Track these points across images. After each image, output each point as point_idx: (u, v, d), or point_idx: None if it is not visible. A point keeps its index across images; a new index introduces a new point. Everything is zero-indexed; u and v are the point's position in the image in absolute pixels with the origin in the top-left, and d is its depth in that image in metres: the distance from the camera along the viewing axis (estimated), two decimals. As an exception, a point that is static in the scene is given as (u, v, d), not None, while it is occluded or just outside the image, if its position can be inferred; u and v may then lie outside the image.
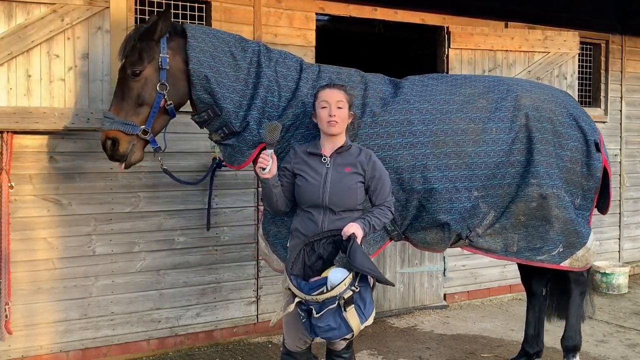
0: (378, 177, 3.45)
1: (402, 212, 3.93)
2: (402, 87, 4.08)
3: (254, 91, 3.76)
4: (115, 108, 3.66)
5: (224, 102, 3.70)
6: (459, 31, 6.38)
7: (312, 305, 3.12)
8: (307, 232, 3.40)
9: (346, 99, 3.45)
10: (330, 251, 3.34)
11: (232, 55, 3.78)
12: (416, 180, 3.87)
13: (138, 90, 3.65)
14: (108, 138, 3.65)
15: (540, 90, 4.31)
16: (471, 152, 3.95)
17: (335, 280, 3.11)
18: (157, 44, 3.66)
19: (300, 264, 3.32)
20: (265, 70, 3.79)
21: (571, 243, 4.18)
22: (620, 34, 7.71)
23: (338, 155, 3.43)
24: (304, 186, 3.40)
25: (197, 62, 3.65)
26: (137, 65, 3.63)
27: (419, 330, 5.89)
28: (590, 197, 4.29)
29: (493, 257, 4.21)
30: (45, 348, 4.72)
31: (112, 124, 3.62)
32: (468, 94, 4.09)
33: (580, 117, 4.28)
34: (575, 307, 4.44)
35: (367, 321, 3.21)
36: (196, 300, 5.28)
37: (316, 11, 5.77)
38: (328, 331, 3.14)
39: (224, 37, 3.83)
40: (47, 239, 4.70)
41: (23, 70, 4.29)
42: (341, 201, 3.36)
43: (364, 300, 3.20)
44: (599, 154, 4.24)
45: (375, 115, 3.88)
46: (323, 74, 3.95)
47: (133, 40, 3.67)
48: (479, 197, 3.99)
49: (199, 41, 3.70)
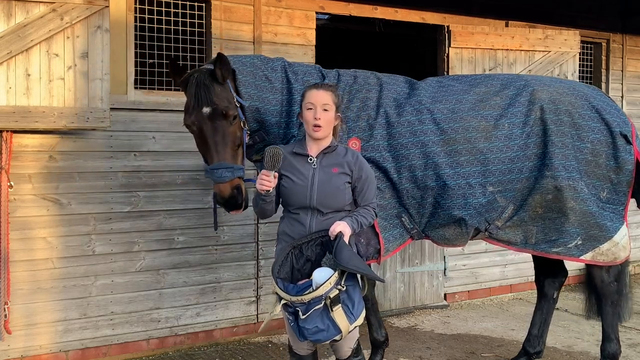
0: (365, 178, 3.41)
1: (419, 210, 4.04)
2: (418, 88, 4.22)
3: (288, 108, 3.87)
4: (221, 156, 3.54)
5: (271, 127, 3.83)
6: (459, 30, 6.36)
7: (298, 306, 3.09)
8: (294, 235, 3.36)
9: (333, 101, 3.37)
10: (318, 253, 3.30)
11: (267, 79, 3.87)
12: (429, 177, 3.98)
13: (236, 133, 3.62)
14: (233, 187, 3.54)
15: (560, 84, 4.35)
16: (483, 148, 4.03)
17: (319, 280, 3.06)
18: (226, 85, 3.65)
19: (289, 267, 3.28)
20: (294, 85, 3.91)
21: (592, 236, 4.16)
22: (621, 32, 7.69)
23: (324, 156, 3.39)
24: (291, 187, 3.35)
25: (249, 97, 3.74)
26: (231, 109, 3.58)
27: (419, 329, 5.88)
28: (622, 191, 4.25)
29: (513, 249, 4.27)
30: (45, 348, 4.71)
31: (233, 172, 3.52)
32: (483, 93, 4.20)
33: (605, 109, 4.26)
34: (609, 317, 4.40)
35: (356, 321, 3.16)
36: (196, 299, 5.27)
37: (316, 10, 5.76)
38: (316, 333, 3.10)
39: (255, 62, 3.90)
40: (47, 239, 4.69)
41: (22, 69, 4.28)
42: (329, 202, 3.32)
43: (352, 299, 3.16)
44: (630, 147, 4.20)
45: (388, 116, 4.01)
46: (342, 77, 4.10)
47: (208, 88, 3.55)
48: (495, 192, 4.06)
49: (244, 75, 3.77)
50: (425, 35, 8.07)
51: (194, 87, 3.56)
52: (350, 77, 4.14)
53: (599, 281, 4.38)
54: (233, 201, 3.56)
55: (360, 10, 6.00)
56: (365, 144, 3.93)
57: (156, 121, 5.06)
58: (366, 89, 4.08)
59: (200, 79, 3.56)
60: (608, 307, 4.40)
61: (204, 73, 3.59)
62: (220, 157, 3.53)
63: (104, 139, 4.85)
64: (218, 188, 3.55)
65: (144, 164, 5.02)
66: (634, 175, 4.25)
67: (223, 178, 3.51)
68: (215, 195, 3.60)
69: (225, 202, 3.56)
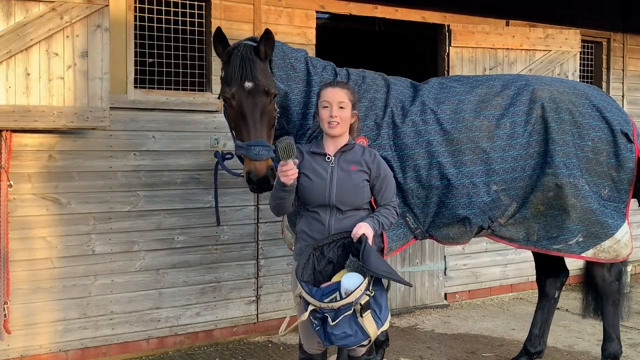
0: (383, 176, 3.42)
1: (423, 209, 4.07)
2: (421, 89, 4.26)
3: (307, 99, 3.87)
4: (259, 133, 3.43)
5: (292, 116, 3.82)
6: (459, 29, 6.35)
7: (327, 312, 3.03)
8: (313, 234, 3.34)
9: (349, 98, 3.37)
10: (339, 255, 3.27)
11: (293, 68, 3.87)
12: (434, 177, 4.01)
13: (272, 113, 3.55)
14: (269, 167, 3.42)
15: (560, 83, 4.38)
16: (486, 147, 4.07)
17: (350, 286, 3.02)
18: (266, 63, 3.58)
19: (310, 269, 3.24)
20: (314, 77, 3.92)
21: (593, 233, 4.18)
22: (622, 31, 7.68)
23: (342, 154, 3.39)
24: (309, 186, 3.33)
25: (280, 80, 3.72)
26: (272, 88, 3.51)
27: (419, 329, 5.87)
28: (623, 189, 4.26)
29: (514, 246, 4.29)
30: (45, 347, 4.70)
31: (269, 152, 3.41)
32: (484, 93, 4.24)
33: (606, 108, 4.28)
34: (610, 317, 4.40)
35: (383, 326, 3.13)
36: (196, 299, 5.26)
37: (316, 9, 5.75)
38: (344, 338, 3.05)
39: (284, 49, 3.89)
40: (46, 238, 4.68)
41: (22, 69, 4.27)
42: (348, 199, 3.32)
43: (380, 304, 3.13)
44: (631, 145, 4.22)
45: (394, 116, 4.05)
46: (351, 76, 4.13)
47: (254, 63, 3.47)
48: (499, 190, 4.09)
49: (278, 57, 3.75)
50: (426, 34, 8.06)
51: (239, 59, 3.47)
52: (359, 76, 4.17)
53: (600, 280, 4.38)
54: (267, 181, 3.44)
55: (360, 9, 5.99)
56: (372, 143, 3.96)
57: (156, 120, 5.05)
58: (374, 89, 4.12)
59: (245, 53, 3.48)
60: (609, 307, 4.39)
61: (249, 47, 3.51)
62: (258, 135, 3.42)
63: (104, 138, 4.84)
64: (254, 166, 3.41)
65: (143, 163, 5.01)
66: (636, 174, 4.26)
67: (260, 156, 3.40)
68: (249, 173, 3.43)
69: (260, 181, 3.43)
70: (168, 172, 5.11)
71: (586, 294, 4.70)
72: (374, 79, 4.20)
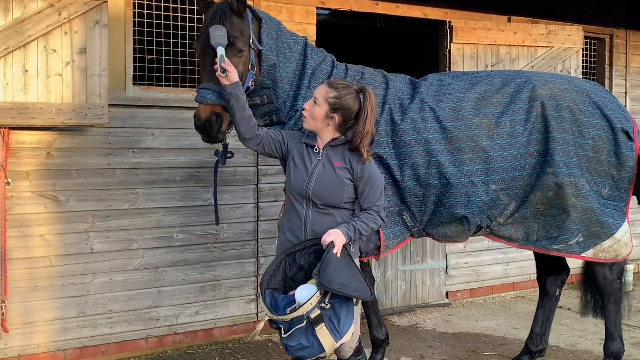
0: (367, 178, 3.28)
1: (421, 208, 4.03)
2: (420, 87, 4.21)
3: (299, 82, 3.85)
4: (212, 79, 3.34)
5: (282, 91, 3.78)
6: (461, 26, 6.31)
7: (281, 324, 3.04)
8: (291, 228, 3.30)
9: (325, 97, 3.23)
10: (311, 262, 3.20)
11: (289, 47, 3.85)
12: (432, 175, 3.97)
13: (238, 66, 3.43)
14: (214, 113, 3.34)
15: (561, 80, 4.33)
16: (486, 146, 4.02)
17: (301, 299, 2.98)
18: (246, 22, 3.56)
19: (281, 275, 3.21)
20: (309, 62, 3.90)
21: (594, 233, 4.15)
22: (625, 28, 7.64)
23: (331, 149, 3.34)
24: (293, 172, 3.32)
25: (270, 48, 3.67)
26: (240, 42, 3.46)
27: (421, 328, 5.84)
28: (624, 188, 4.23)
29: (514, 246, 4.26)
30: (43, 347, 4.67)
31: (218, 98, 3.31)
32: (484, 91, 4.18)
33: (607, 105, 4.24)
34: (612, 316, 4.38)
35: (342, 339, 3.06)
36: (195, 298, 5.23)
37: (317, 5, 5.71)
38: (300, 350, 3.05)
39: (282, 28, 3.87)
40: (45, 236, 4.65)
41: (20, 66, 4.24)
42: (324, 194, 3.23)
43: (338, 316, 3.06)
44: (632, 143, 4.18)
45: (393, 113, 4.01)
46: (350, 72, 4.10)
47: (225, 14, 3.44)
48: (499, 190, 4.05)
49: (269, 26, 3.71)
50: (427, 31, 8.02)
51: (212, 11, 3.52)
52: (358, 73, 4.14)
53: (602, 279, 4.35)
54: (209, 126, 3.35)
55: (361, 5, 5.96)
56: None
57: (155, 118, 5.01)
58: (373, 85, 4.06)
59: (220, 7, 3.52)
60: (611, 305, 4.37)
61: (227, 4, 3.54)
62: (211, 80, 3.36)
63: (103, 135, 4.80)
64: (197, 110, 3.38)
65: (142, 161, 4.98)
66: (636, 172, 4.23)
67: (205, 100, 3.36)
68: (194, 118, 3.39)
69: (201, 125, 3.36)
70: (167, 169, 5.07)
71: (585, 292, 4.69)
72: (373, 76, 4.17)
